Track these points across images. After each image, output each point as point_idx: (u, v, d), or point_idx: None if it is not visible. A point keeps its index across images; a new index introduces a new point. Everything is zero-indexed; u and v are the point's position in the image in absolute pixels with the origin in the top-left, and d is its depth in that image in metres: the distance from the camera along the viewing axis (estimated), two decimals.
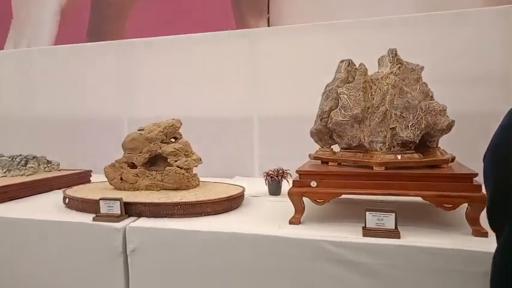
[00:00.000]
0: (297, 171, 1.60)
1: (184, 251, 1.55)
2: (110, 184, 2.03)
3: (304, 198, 1.57)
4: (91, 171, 2.66)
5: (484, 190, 1.10)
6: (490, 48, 2.31)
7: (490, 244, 1.30)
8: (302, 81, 2.67)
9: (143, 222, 1.65)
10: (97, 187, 2.10)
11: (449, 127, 1.59)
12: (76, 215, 1.79)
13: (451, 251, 1.29)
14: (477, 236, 1.38)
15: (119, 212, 1.68)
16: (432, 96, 1.64)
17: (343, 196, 1.55)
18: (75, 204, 1.86)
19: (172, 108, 2.85)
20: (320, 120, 1.74)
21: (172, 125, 1.99)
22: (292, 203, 1.58)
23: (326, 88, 1.79)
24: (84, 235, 1.66)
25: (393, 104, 1.55)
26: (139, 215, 1.72)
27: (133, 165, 2.00)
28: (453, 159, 1.61)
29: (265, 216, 1.70)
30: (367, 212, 1.42)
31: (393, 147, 1.56)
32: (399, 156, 1.53)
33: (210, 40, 2.87)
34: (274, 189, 2.10)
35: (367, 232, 1.40)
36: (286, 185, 2.11)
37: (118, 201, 1.69)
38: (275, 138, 2.74)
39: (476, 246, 1.29)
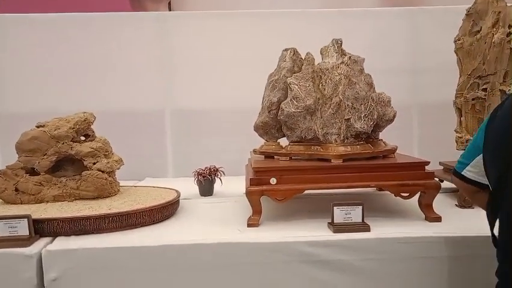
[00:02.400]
0: (253, 168, 1.45)
1: (125, 274, 1.26)
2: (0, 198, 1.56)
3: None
4: None
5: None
6: (393, 43, 2.49)
7: (445, 228, 1.37)
8: (217, 72, 2.50)
9: (64, 243, 1.30)
10: None
11: (393, 117, 1.63)
12: None
13: (417, 239, 1.31)
14: (432, 222, 1.43)
15: (28, 233, 1.29)
16: (375, 88, 1.66)
17: None
18: None
19: (64, 100, 2.38)
20: (268, 112, 1.61)
21: (84, 120, 1.62)
22: (251, 204, 1.42)
23: (270, 78, 1.67)
24: None
25: (345, 94, 1.52)
26: (55, 235, 1.35)
27: (32, 172, 1.57)
28: (396, 149, 1.66)
29: (215, 221, 1.50)
30: (335, 207, 1.35)
31: (347, 138, 1.53)
32: (355, 148, 1.51)
33: (112, 22, 2.46)
34: (207, 190, 1.90)
35: (337, 228, 1.33)
36: (219, 184, 1.94)
37: (26, 219, 1.29)
38: (190, 133, 2.50)
39: (437, 232, 1.33)
